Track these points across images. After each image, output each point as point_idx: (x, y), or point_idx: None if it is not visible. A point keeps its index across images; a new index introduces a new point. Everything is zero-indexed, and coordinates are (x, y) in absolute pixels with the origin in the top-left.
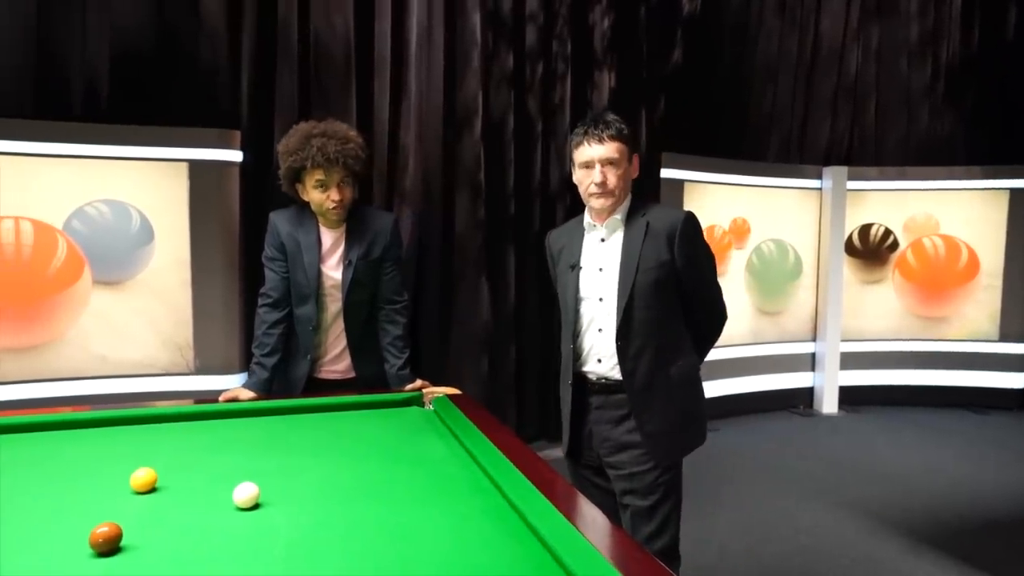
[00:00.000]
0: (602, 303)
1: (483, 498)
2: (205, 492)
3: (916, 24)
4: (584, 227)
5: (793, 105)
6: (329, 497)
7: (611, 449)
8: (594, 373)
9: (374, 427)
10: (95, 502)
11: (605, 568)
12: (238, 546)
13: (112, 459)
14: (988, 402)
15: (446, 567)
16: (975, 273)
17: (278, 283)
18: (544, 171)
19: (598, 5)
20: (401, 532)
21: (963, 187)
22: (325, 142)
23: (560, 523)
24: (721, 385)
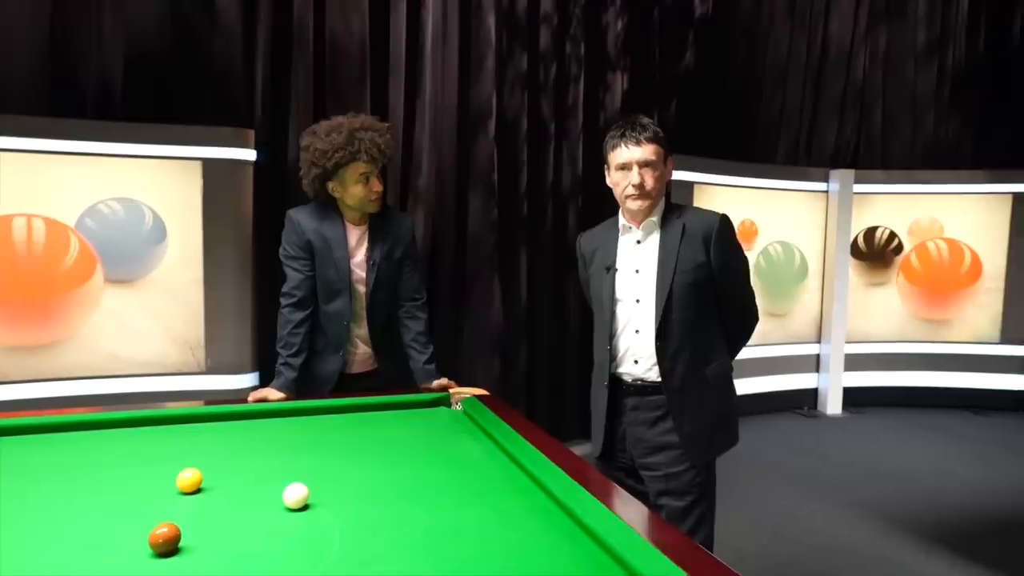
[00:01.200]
0: (639, 304)
1: (528, 497)
2: (251, 493)
3: (923, 29)
4: (619, 229)
5: (801, 108)
6: (375, 498)
7: (646, 450)
8: (630, 375)
9: (406, 428)
10: (145, 503)
11: (663, 562)
12: (294, 546)
13: (153, 460)
14: (989, 404)
15: (504, 566)
16: (978, 276)
17: (301, 281)
18: (557, 172)
19: (612, 7)
20: (453, 532)
21: (967, 191)
22: (373, 136)
23: (612, 520)
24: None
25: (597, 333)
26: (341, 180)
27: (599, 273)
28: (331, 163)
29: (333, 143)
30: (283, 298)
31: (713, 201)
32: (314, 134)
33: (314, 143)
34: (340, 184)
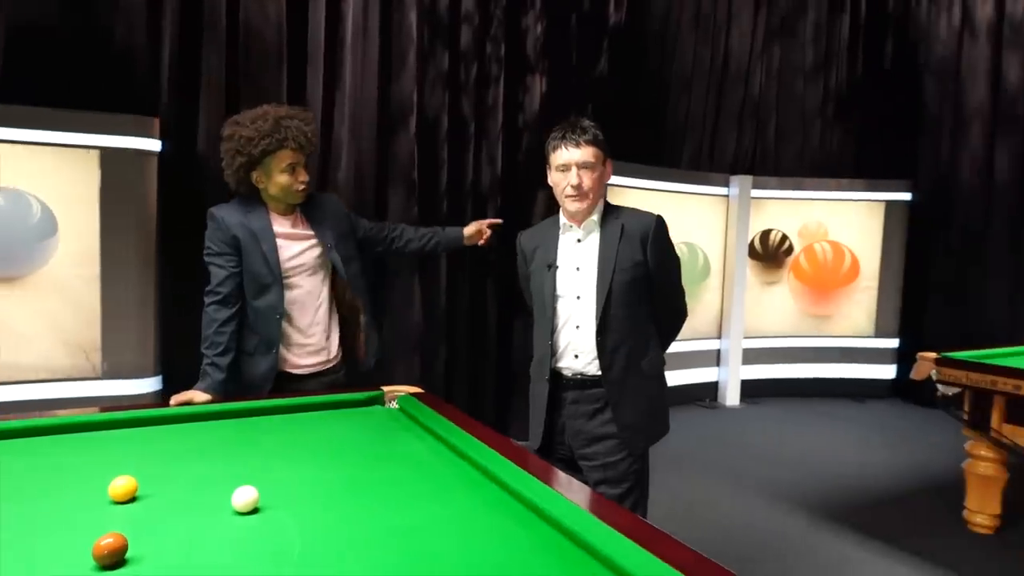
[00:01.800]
0: (579, 301)
1: (479, 490)
2: (194, 499)
3: (811, 49)
4: (559, 228)
5: (704, 116)
6: (325, 498)
7: (585, 441)
8: (570, 369)
9: (345, 427)
10: (78, 515)
11: (623, 542)
12: (253, 548)
13: (76, 469)
14: (865, 392)
15: (470, 560)
16: (856, 276)
17: (226, 278)
18: (476, 172)
19: (532, 10)
20: (413, 528)
21: (848, 198)
22: (300, 124)
23: (567, 506)
24: None
25: (537, 329)
26: (266, 169)
27: (540, 270)
28: (257, 150)
29: (259, 130)
30: (207, 296)
31: (625, 202)
32: (237, 123)
33: (238, 131)
34: (265, 174)
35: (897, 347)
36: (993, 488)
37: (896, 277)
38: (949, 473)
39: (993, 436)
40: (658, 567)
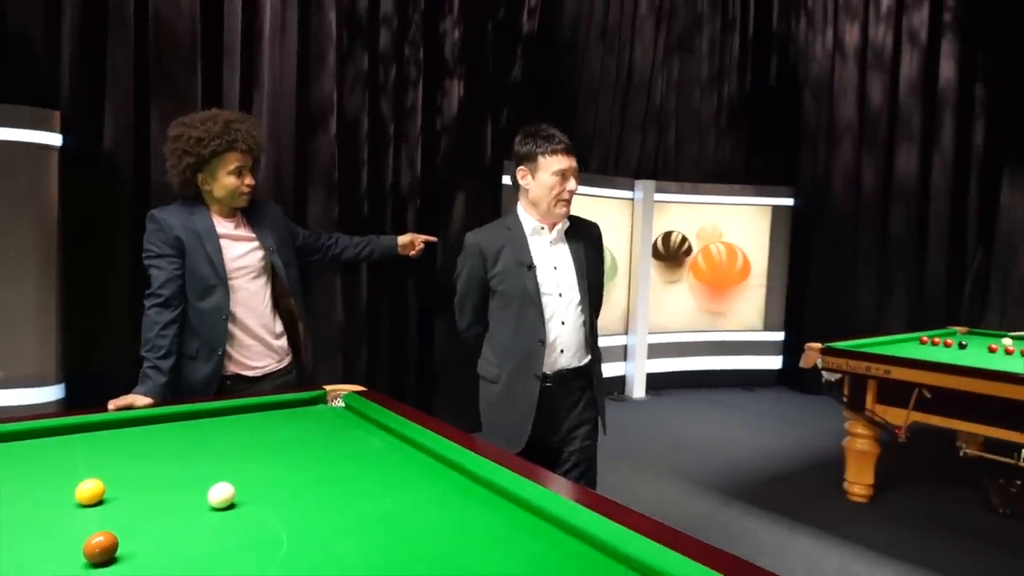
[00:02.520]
0: (562, 298)
1: (444, 479)
2: (165, 499)
3: (706, 64)
4: (526, 230)
5: (611, 124)
6: (295, 494)
7: (568, 430)
8: (556, 363)
9: (296, 426)
10: (50, 520)
11: (596, 519)
12: (240, 540)
13: (29, 476)
14: (756, 381)
15: (451, 539)
16: (747, 275)
17: (168, 280)
18: (396, 173)
19: (449, 16)
20: (388, 517)
21: (739, 203)
22: (248, 128)
23: (535, 489)
24: None
25: (514, 327)
26: (213, 171)
27: (515, 270)
28: (207, 151)
29: (209, 131)
30: (148, 299)
31: None
32: (186, 124)
33: (187, 132)
34: (211, 175)
35: (783, 339)
36: (868, 461)
37: (782, 275)
38: (831, 450)
39: (868, 415)
40: (626, 535)
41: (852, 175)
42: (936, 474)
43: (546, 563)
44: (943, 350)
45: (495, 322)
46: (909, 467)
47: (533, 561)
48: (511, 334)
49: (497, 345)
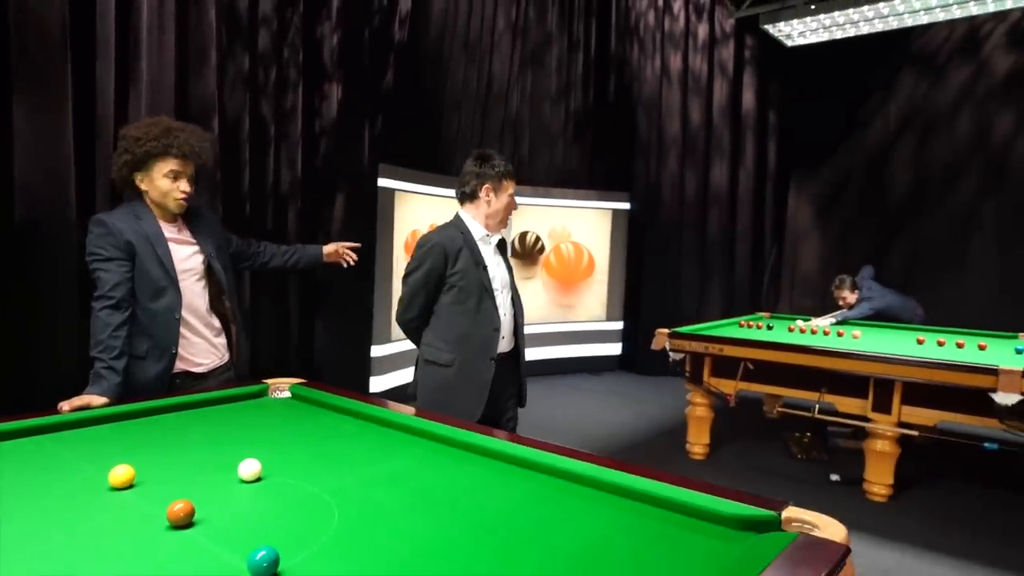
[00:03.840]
0: (502, 294)
1: (419, 445)
2: (191, 480)
3: (555, 79)
4: (476, 237)
5: (472, 131)
6: (304, 469)
7: (503, 401)
8: (500, 348)
9: (262, 415)
10: (91, 502)
11: (557, 458)
12: (295, 508)
13: (39, 469)
14: (600, 366)
15: (454, 485)
16: (592, 271)
17: (118, 283)
18: (277, 174)
19: (328, 21)
20: (396, 476)
21: (585, 206)
22: (188, 136)
23: (502, 443)
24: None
25: (472, 318)
26: (148, 172)
27: (472, 269)
28: (141, 151)
29: (148, 133)
30: (99, 301)
31: (411, 207)
32: (132, 126)
33: (130, 131)
34: (147, 176)
35: (622, 328)
36: (705, 425)
37: (621, 271)
38: (670, 420)
39: (705, 387)
40: (587, 465)
41: (677, 184)
42: (753, 432)
43: (536, 498)
44: (756, 331)
45: (449, 314)
46: (734, 428)
47: (526, 497)
48: (470, 323)
49: (451, 334)
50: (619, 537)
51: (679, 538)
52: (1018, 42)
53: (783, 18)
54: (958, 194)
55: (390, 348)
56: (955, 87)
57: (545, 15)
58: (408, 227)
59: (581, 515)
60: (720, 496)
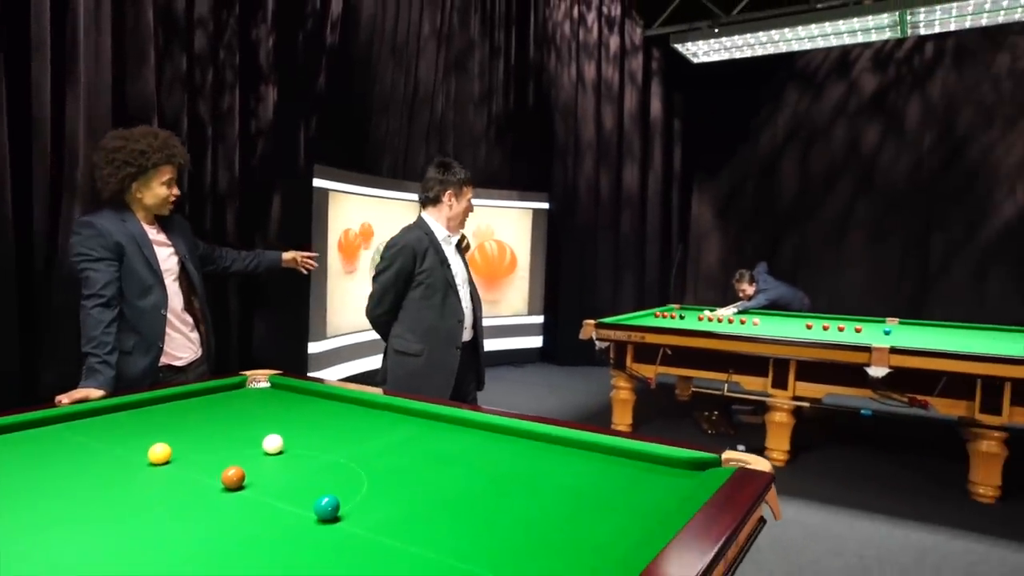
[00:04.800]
0: (463, 289)
1: (413, 423)
2: (221, 456)
3: (478, 84)
4: (439, 237)
5: (399, 133)
6: (318, 443)
7: (466, 385)
8: (462, 338)
9: (255, 403)
10: (137, 476)
11: (535, 425)
12: (328, 474)
13: (70, 454)
14: (523, 358)
15: (458, 455)
16: (514, 268)
17: (109, 282)
18: (214, 174)
19: (263, 24)
20: (405, 446)
21: (507, 206)
22: (179, 144)
23: (481, 416)
24: (352, 366)
25: (439, 312)
26: (147, 181)
27: (438, 267)
28: (150, 163)
29: (151, 145)
30: (90, 300)
31: (344, 207)
32: (126, 138)
33: (129, 144)
34: (145, 185)
35: (543, 322)
36: (628, 407)
37: (541, 268)
38: (593, 405)
39: (628, 372)
40: (555, 428)
41: (592, 185)
42: (668, 413)
43: (523, 457)
44: (671, 321)
45: (418, 308)
46: (654, 409)
47: (515, 457)
48: (437, 316)
49: (419, 326)
50: (597, 480)
51: (645, 478)
52: (881, 65)
53: (691, 39)
54: (835, 197)
55: (327, 344)
56: (831, 104)
57: (468, 22)
58: (341, 226)
59: (562, 467)
60: (671, 446)
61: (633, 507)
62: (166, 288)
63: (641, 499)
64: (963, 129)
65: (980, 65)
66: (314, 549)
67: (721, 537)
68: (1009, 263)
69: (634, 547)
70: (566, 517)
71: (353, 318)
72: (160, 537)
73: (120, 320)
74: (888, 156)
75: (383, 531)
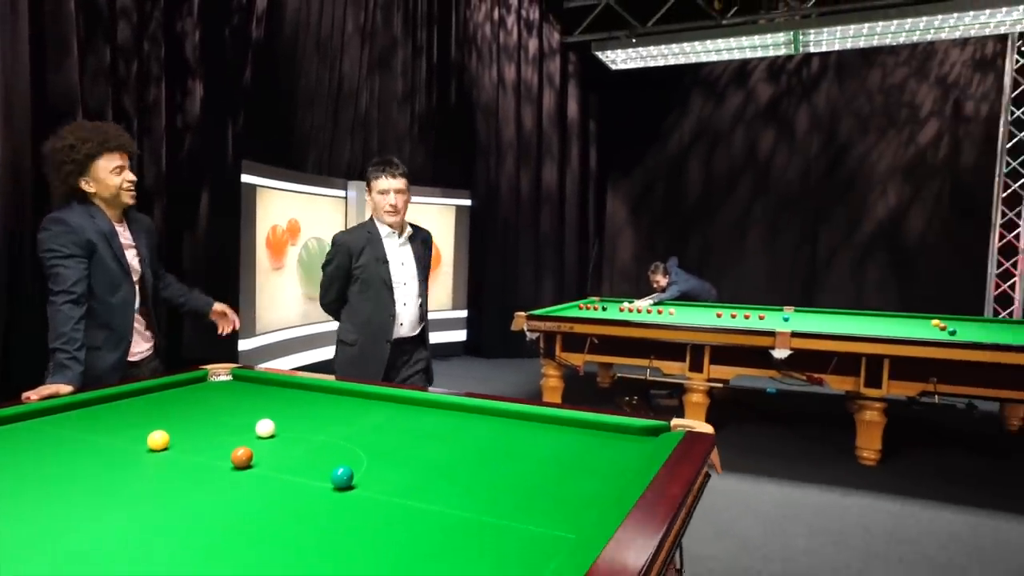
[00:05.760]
0: (406, 287)
1: (383, 407)
2: (217, 442)
3: (401, 82)
4: (383, 235)
5: (324, 129)
6: (308, 427)
7: (404, 378)
8: (398, 333)
9: (224, 395)
10: (139, 460)
11: (504, 404)
12: (331, 454)
13: (62, 446)
14: (448, 352)
15: (434, 432)
16: (438, 263)
17: (79, 279)
18: (140, 170)
19: (189, 17)
20: (385, 426)
21: (431, 203)
22: (115, 129)
23: (457, 398)
24: (284, 362)
25: (373, 306)
26: (94, 174)
27: (373, 264)
28: (82, 155)
29: (79, 136)
30: (60, 296)
31: (271, 202)
32: (56, 137)
33: (58, 143)
34: (94, 178)
35: (467, 316)
36: (557, 395)
37: (464, 263)
38: (524, 394)
39: (558, 360)
40: (523, 406)
41: (513, 183)
42: (591, 399)
43: (497, 432)
44: (595, 312)
45: (356, 301)
46: (580, 395)
47: (490, 432)
48: (371, 310)
49: (356, 319)
50: (569, 447)
51: (611, 444)
52: (775, 76)
53: (609, 47)
54: (736, 196)
55: (257, 341)
56: (731, 110)
57: (391, 21)
58: (269, 223)
59: (535, 438)
60: (625, 416)
61: (607, 466)
62: (134, 285)
63: (612, 460)
64: (844, 137)
65: (858, 80)
66: (339, 512)
67: (687, 481)
68: (883, 256)
69: (618, 492)
70: (550, 477)
71: (283, 314)
72: (190, 514)
73: (88, 317)
74: (781, 160)
75: (396, 494)
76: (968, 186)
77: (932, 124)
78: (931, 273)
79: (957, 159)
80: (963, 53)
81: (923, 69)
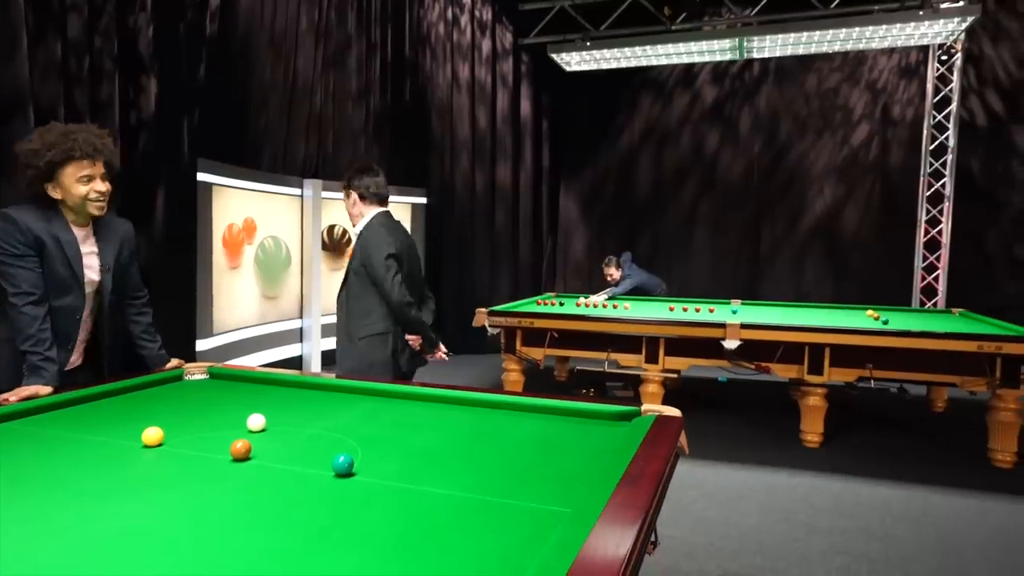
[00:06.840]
0: None
1: (364, 400)
2: (208, 438)
3: (355, 79)
4: None
5: (279, 126)
6: (298, 421)
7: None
8: None
9: (206, 393)
10: (134, 457)
11: (483, 395)
12: (330, 444)
13: (54, 444)
14: None
15: (421, 423)
16: None
17: (36, 279)
18: None
19: (143, 12)
20: (372, 417)
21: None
22: (87, 135)
23: (426, 389)
24: (241, 362)
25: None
26: (59, 181)
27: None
28: (43, 162)
29: (45, 142)
30: (19, 297)
31: (227, 201)
32: (27, 140)
33: (26, 146)
34: (60, 186)
35: None
36: (518, 387)
37: (421, 260)
38: (489, 386)
39: (519, 355)
40: (501, 396)
41: (468, 181)
42: (550, 392)
43: (478, 421)
44: (553, 307)
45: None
46: (540, 388)
47: (473, 421)
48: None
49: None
50: (549, 432)
51: (587, 428)
52: (719, 79)
53: (565, 50)
54: (684, 194)
55: (215, 341)
56: (678, 111)
57: (345, 18)
58: (225, 221)
59: (515, 425)
60: (598, 403)
61: (587, 448)
62: (85, 295)
63: (592, 443)
64: (783, 138)
65: (796, 85)
66: (343, 496)
67: (665, 458)
68: (820, 251)
69: (602, 471)
70: (534, 460)
71: (241, 314)
72: (201, 503)
73: None
74: (725, 159)
75: (395, 479)
76: (896, 185)
77: (863, 127)
78: (864, 266)
79: (886, 160)
80: (890, 60)
81: (855, 75)
